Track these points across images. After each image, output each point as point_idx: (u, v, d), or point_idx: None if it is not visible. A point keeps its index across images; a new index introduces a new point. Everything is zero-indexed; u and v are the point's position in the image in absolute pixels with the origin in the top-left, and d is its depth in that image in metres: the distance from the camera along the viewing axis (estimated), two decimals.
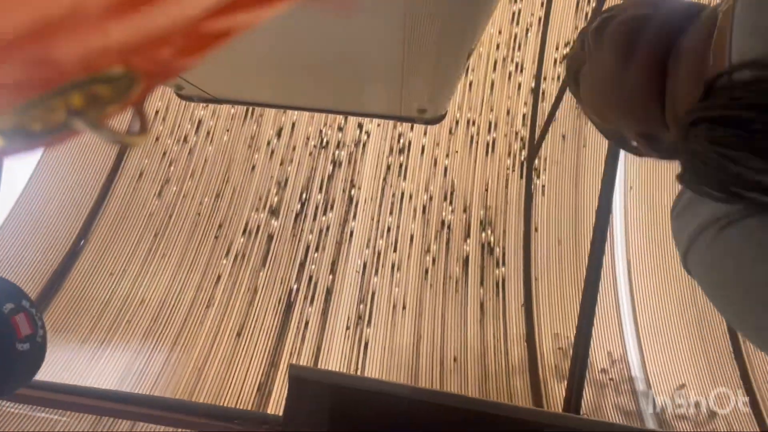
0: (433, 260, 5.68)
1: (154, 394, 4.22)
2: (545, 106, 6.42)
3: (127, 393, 3.99)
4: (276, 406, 4.36)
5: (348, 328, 5.11)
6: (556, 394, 4.88)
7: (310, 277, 5.41)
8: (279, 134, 6.13)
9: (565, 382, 4.88)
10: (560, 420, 2.54)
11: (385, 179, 6.07)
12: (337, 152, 6.14)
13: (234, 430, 3.89)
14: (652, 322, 5.47)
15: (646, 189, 6.13)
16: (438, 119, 2.84)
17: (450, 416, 2.57)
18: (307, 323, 5.08)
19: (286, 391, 4.42)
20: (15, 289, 0.89)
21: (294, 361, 4.74)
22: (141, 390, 4.27)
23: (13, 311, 0.83)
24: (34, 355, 0.85)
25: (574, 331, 5.13)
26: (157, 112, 6.03)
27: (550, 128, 6.12)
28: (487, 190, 6.11)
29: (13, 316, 0.83)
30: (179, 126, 6.02)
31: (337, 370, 4.82)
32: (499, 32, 6.64)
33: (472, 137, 6.30)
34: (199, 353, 4.63)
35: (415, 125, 6.25)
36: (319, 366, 4.77)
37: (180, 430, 4.07)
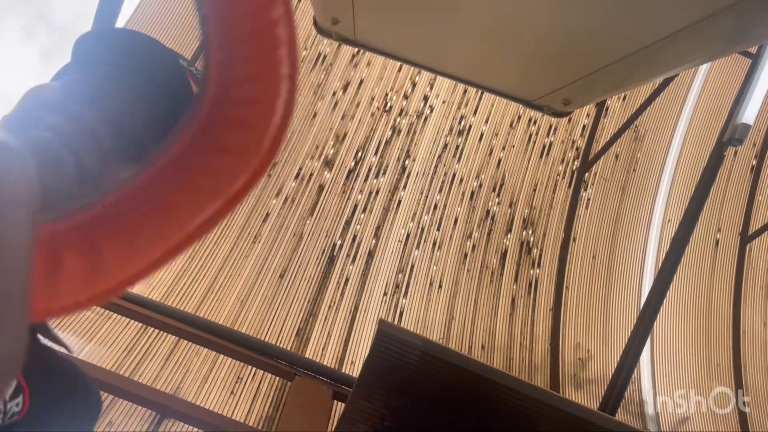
0: (473, 247, 5.72)
1: (200, 316, 4.17)
2: (606, 123, 6.48)
3: (178, 310, 3.94)
4: (314, 354, 4.37)
5: (385, 294, 5.13)
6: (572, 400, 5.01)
7: (354, 237, 5.39)
8: (345, 88, 6.04)
9: (582, 391, 5.02)
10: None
11: (439, 157, 6.05)
12: (398, 119, 6.08)
13: (276, 369, 3.87)
14: (667, 352, 5.65)
15: None
16: (566, 113, 2.85)
17: (529, 408, 2.62)
18: (347, 280, 5.07)
19: (324, 342, 4.42)
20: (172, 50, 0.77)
21: (332, 316, 4.74)
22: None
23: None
24: None
25: (596, 343, 5.25)
26: None
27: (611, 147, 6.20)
28: (535, 190, 6.16)
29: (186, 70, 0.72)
30: None
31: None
32: None
33: (530, 135, 6.32)
34: (242, 285, 4.59)
35: (479, 108, 6.23)
36: (354, 327, 4.78)
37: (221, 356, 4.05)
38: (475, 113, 6.26)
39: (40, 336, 0.71)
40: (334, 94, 6.01)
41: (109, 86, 0.65)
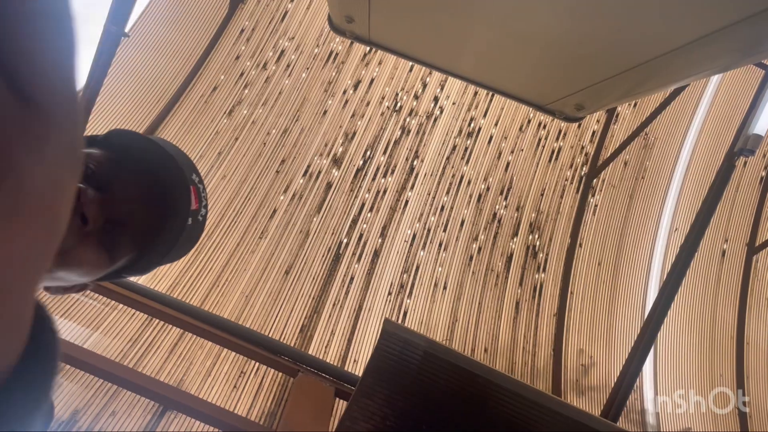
0: (479, 249, 5.72)
1: (205, 309, 4.19)
2: (616, 129, 6.47)
3: (184, 302, 3.94)
4: (317, 352, 4.38)
5: (390, 293, 5.13)
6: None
7: (361, 235, 5.40)
8: (356, 87, 6.05)
9: (584, 397, 5.02)
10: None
11: (448, 158, 6.05)
12: (408, 119, 6.09)
13: (279, 364, 3.88)
14: (670, 361, 5.63)
15: None
16: (578, 119, 2.85)
17: (527, 410, 2.62)
18: (352, 279, 5.08)
19: (328, 340, 4.43)
20: (190, 161, 0.82)
21: (336, 314, 4.75)
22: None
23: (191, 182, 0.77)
24: (195, 231, 0.79)
25: (599, 350, 5.24)
26: (242, 31, 5.88)
27: (620, 153, 6.18)
28: (542, 195, 6.15)
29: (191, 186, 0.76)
30: (261, 51, 5.88)
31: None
32: None
33: (540, 140, 6.31)
34: (248, 280, 4.61)
35: (489, 111, 6.22)
36: (358, 325, 4.79)
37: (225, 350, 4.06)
38: (485, 116, 6.26)
39: None
40: (344, 92, 6.02)
41: (117, 175, 0.72)
